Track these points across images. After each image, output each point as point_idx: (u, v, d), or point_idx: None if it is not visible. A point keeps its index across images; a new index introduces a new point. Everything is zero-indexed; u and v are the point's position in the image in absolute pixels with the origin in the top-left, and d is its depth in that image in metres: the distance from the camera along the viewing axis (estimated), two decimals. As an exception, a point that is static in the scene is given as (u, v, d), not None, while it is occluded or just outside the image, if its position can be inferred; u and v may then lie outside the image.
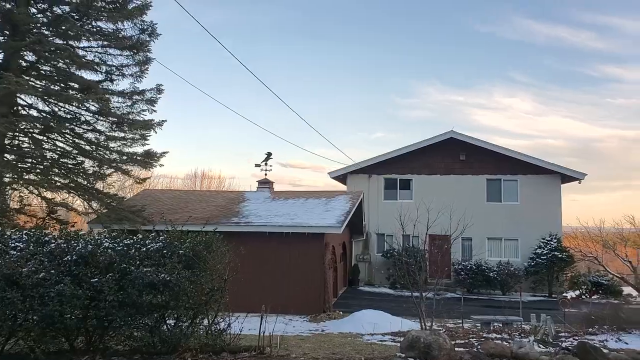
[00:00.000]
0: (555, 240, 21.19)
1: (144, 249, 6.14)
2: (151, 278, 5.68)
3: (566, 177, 22.32)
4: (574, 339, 10.07)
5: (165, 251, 6.14)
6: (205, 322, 6.49)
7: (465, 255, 22.45)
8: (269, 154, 19.84)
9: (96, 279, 5.61)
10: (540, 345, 9.20)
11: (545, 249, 21.00)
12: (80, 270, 5.67)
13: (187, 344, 5.98)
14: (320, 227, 14.78)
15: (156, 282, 5.69)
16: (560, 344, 9.35)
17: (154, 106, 14.18)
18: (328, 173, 23.63)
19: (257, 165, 19.64)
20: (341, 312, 14.94)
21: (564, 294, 21.03)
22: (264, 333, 6.55)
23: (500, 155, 22.57)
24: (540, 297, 20.65)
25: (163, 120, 14.23)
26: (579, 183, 22.25)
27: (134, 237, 6.50)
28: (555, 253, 20.77)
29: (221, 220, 15.05)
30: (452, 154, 23.14)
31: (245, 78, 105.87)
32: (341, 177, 24.15)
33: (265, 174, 19.79)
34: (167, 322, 6.26)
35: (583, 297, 21.45)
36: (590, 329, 10.32)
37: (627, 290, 24.03)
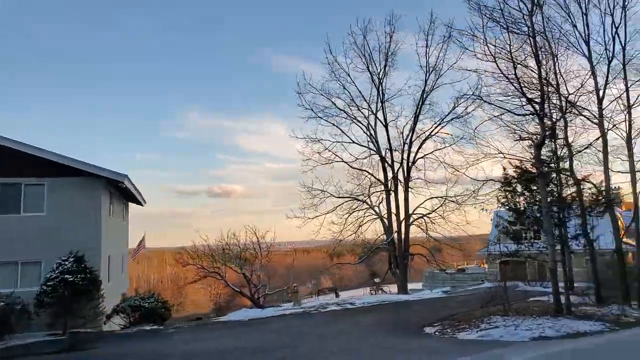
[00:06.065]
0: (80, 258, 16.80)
1: None
2: None
3: (111, 180, 18.54)
4: None
5: None
6: None
7: (-39, 290, 16.04)
8: None
9: None
10: None
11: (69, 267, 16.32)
12: None
13: None
14: None
15: None
16: None
17: None
18: None
19: None
20: None
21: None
22: None
23: (21, 154, 17.23)
24: (59, 336, 15.82)
25: None
26: (122, 185, 18.78)
27: None
28: (79, 275, 16.32)
29: None
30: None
31: None
32: None
33: None
34: None
35: (129, 326, 17.70)
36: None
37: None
